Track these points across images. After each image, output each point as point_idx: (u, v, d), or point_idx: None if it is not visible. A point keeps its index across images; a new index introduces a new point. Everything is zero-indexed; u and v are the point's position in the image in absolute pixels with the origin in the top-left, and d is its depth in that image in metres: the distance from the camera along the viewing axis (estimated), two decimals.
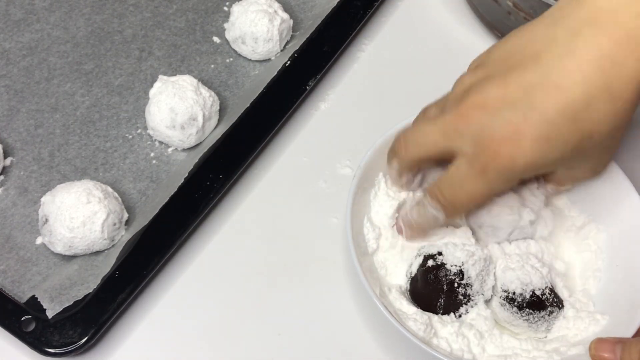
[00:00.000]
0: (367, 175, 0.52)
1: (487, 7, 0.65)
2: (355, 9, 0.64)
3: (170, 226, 0.53)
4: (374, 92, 0.63)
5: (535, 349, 0.47)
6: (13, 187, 0.56)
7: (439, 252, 0.49)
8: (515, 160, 0.42)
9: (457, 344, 0.47)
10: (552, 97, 0.41)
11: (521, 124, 0.41)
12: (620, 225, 0.51)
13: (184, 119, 0.56)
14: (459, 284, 0.48)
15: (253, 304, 0.53)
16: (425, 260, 0.49)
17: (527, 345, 0.48)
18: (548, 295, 0.48)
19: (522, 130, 0.41)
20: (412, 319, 0.47)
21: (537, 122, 0.41)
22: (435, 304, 0.48)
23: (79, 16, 0.64)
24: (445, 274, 0.48)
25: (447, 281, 0.48)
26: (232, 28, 0.62)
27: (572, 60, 0.41)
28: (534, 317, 0.48)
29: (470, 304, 0.48)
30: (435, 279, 0.48)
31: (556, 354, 0.47)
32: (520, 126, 0.41)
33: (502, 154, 0.42)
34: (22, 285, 0.51)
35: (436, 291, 0.48)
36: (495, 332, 0.48)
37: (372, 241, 0.51)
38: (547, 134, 0.41)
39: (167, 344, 0.51)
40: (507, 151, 0.42)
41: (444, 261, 0.48)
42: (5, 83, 0.61)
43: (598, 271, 0.51)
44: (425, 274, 0.49)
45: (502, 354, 0.47)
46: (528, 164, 0.42)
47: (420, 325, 0.47)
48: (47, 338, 0.48)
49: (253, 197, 0.58)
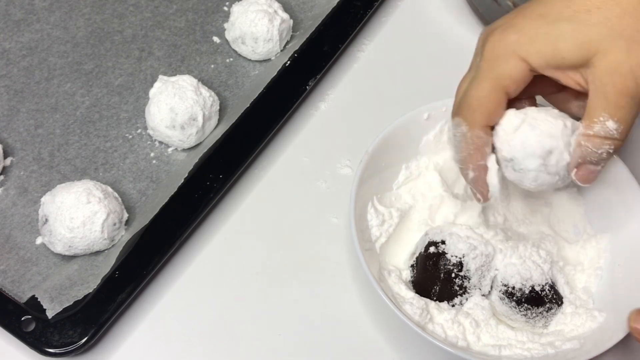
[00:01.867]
0: (375, 161, 0.52)
1: (487, 7, 0.65)
2: (355, 9, 0.64)
3: (170, 226, 0.53)
4: (374, 92, 0.63)
5: (530, 340, 0.48)
6: (13, 187, 0.56)
7: (442, 241, 0.49)
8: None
9: (452, 331, 0.48)
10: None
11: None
12: (625, 226, 0.51)
13: (184, 119, 0.56)
14: (456, 274, 0.48)
15: (253, 304, 0.53)
16: (428, 246, 0.49)
17: (523, 336, 0.48)
18: (548, 292, 0.48)
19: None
20: (408, 303, 0.48)
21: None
22: (430, 290, 0.49)
23: (79, 16, 0.64)
24: (445, 263, 0.48)
25: (445, 270, 0.48)
26: (232, 28, 0.62)
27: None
28: (532, 313, 0.48)
29: (465, 296, 0.49)
30: (433, 266, 0.49)
31: (551, 347, 0.47)
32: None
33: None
34: (22, 285, 0.51)
35: (433, 278, 0.49)
36: (491, 322, 0.49)
37: (375, 228, 0.51)
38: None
39: (167, 344, 0.51)
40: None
41: (446, 250, 0.49)
42: (5, 83, 0.61)
43: (600, 269, 0.51)
44: (425, 259, 0.49)
45: (496, 343, 0.48)
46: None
47: (416, 310, 0.47)
48: (47, 338, 0.48)
49: (253, 197, 0.58)
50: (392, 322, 0.52)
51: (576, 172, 0.44)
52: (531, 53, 0.43)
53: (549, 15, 0.43)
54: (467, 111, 0.45)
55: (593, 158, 0.43)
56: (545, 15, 0.43)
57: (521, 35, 0.43)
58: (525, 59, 0.43)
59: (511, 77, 0.44)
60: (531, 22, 0.44)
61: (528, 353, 0.47)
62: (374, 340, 0.52)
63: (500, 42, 0.44)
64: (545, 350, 0.47)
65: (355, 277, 0.54)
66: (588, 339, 0.48)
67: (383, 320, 0.52)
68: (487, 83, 0.44)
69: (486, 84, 0.44)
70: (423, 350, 0.51)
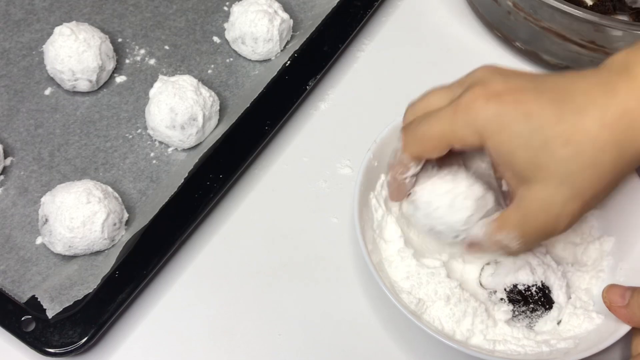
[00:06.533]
0: (379, 155, 0.52)
1: (487, 7, 0.65)
2: (355, 9, 0.64)
3: (170, 226, 0.53)
4: (374, 92, 0.63)
5: (525, 337, 0.48)
6: (13, 187, 0.56)
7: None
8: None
9: (449, 324, 0.48)
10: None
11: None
12: (630, 229, 0.51)
13: (184, 119, 0.56)
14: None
15: (253, 304, 0.53)
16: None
17: (518, 333, 0.49)
18: (534, 293, 0.49)
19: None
20: (406, 292, 0.49)
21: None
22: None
23: (79, 16, 0.64)
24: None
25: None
26: (232, 28, 0.62)
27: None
28: (514, 311, 0.49)
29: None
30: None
31: (545, 345, 0.48)
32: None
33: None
34: (22, 285, 0.51)
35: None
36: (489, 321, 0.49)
37: (379, 214, 0.52)
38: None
39: (167, 344, 0.51)
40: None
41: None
42: (5, 83, 0.61)
43: (602, 272, 0.51)
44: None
45: (492, 339, 0.48)
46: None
47: (412, 299, 0.48)
48: (47, 338, 0.48)
49: (253, 197, 0.58)
50: (392, 321, 0.52)
51: (466, 247, 0.47)
52: (492, 141, 0.42)
53: (533, 117, 0.41)
54: (411, 137, 0.46)
55: (486, 249, 0.46)
56: (530, 116, 0.41)
57: (499, 118, 0.42)
58: (484, 140, 0.42)
59: (462, 142, 0.43)
60: (518, 114, 0.42)
61: (522, 349, 0.48)
62: (374, 340, 0.52)
63: (480, 108, 0.42)
64: (540, 347, 0.48)
65: (355, 277, 0.54)
66: (584, 339, 0.48)
67: (383, 320, 0.52)
68: (440, 127, 0.44)
69: (439, 128, 0.44)
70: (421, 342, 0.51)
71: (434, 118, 0.45)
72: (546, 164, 0.41)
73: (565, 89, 0.42)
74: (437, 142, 0.44)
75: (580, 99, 0.41)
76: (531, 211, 0.43)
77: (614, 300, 0.47)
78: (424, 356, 0.51)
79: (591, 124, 0.40)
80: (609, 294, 0.48)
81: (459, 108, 0.43)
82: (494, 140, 0.42)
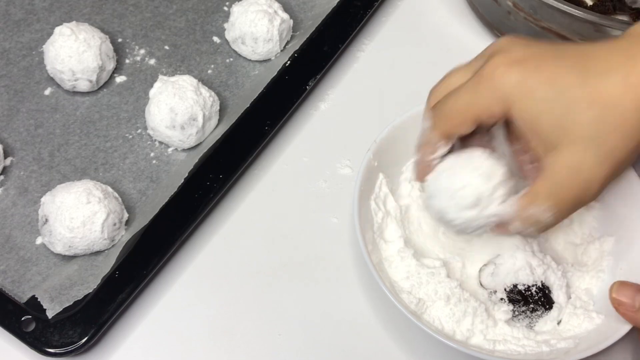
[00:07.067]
0: (380, 154, 0.52)
1: (487, 7, 0.65)
2: (355, 9, 0.64)
3: (170, 226, 0.53)
4: (374, 92, 0.63)
5: (525, 337, 0.49)
6: (13, 187, 0.56)
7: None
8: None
9: (449, 324, 0.48)
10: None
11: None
12: (631, 229, 0.51)
13: (184, 119, 0.56)
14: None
15: (253, 304, 0.53)
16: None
17: (519, 333, 0.49)
18: (534, 293, 0.50)
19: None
20: (406, 292, 0.49)
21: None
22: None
23: (79, 16, 0.64)
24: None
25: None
26: (232, 28, 0.62)
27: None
28: (514, 311, 0.50)
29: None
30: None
31: (545, 344, 0.48)
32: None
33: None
34: (22, 285, 0.51)
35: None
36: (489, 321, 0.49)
37: (380, 214, 0.52)
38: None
39: (167, 344, 0.51)
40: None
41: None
42: (5, 83, 0.61)
43: (602, 272, 0.51)
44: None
45: (492, 339, 0.48)
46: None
47: (412, 299, 0.48)
48: (47, 338, 0.48)
49: (253, 197, 0.58)
50: (392, 319, 0.52)
51: (494, 228, 0.45)
52: (517, 108, 0.42)
53: (556, 82, 0.41)
54: (439, 114, 0.45)
55: (514, 228, 0.44)
56: (554, 82, 0.41)
57: (523, 84, 0.42)
58: (509, 107, 0.42)
59: (488, 112, 0.43)
60: (541, 79, 0.42)
61: (522, 349, 0.48)
62: (374, 340, 0.52)
63: (503, 75, 0.42)
64: (540, 347, 0.48)
65: (355, 277, 0.54)
66: (584, 339, 0.48)
67: (383, 320, 0.52)
68: (465, 100, 0.44)
69: (464, 100, 0.44)
70: (421, 342, 0.51)
71: (459, 92, 0.44)
72: (572, 126, 0.41)
73: (587, 55, 0.42)
74: (464, 116, 0.44)
75: (602, 64, 0.41)
76: (561, 179, 0.42)
77: (623, 303, 0.47)
78: (424, 356, 0.51)
79: (614, 87, 0.40)
80: (618, 294, 0.47)
81: (482, 78, 0.43)
82: (518, 106, 0.42)
